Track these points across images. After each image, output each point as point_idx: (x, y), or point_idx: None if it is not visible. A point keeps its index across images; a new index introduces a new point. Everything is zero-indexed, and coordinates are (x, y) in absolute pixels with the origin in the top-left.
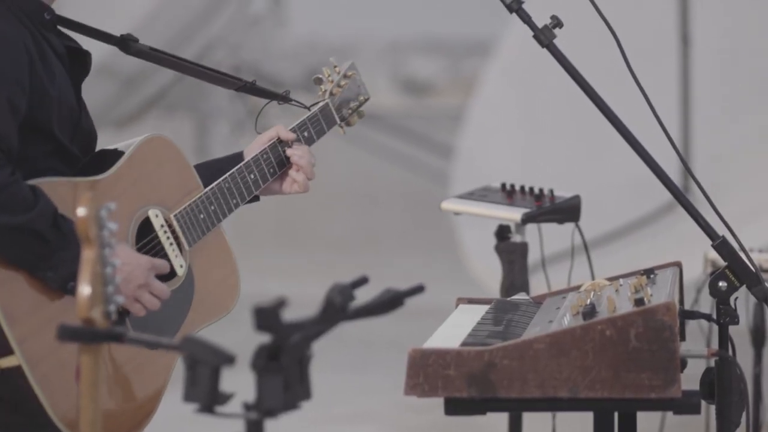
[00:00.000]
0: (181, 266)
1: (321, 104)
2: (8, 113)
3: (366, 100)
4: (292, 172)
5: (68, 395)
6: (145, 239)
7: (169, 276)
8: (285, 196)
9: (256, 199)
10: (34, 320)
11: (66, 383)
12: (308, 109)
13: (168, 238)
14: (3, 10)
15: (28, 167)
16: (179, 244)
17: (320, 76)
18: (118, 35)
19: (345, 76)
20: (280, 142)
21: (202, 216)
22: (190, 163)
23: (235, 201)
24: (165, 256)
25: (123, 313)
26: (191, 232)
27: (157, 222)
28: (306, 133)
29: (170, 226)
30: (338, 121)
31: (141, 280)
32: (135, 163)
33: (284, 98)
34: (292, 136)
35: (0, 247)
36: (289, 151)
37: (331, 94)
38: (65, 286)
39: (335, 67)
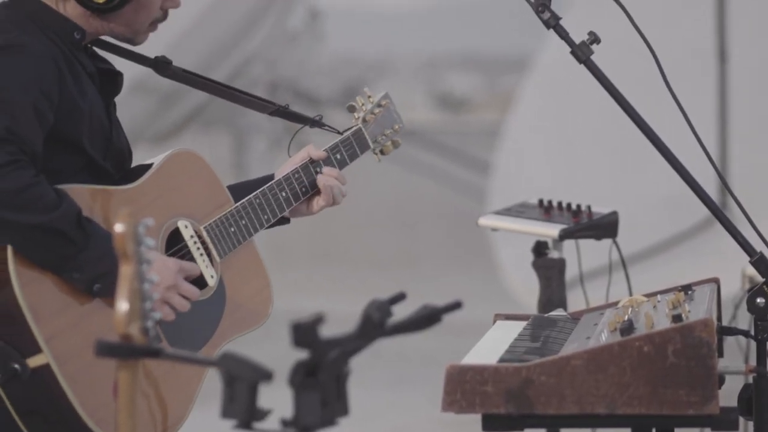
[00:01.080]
0: (212, 277)
1: (354, 128)
2: (33, 118)
3: (400, 128)
4: (322, 186)
5: (97, 394)
6: (174, 249)
7: (200, 286)
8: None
9: (286, 221)
10: (61, 321)
11: (95, 383)
12: (340, 133)
13: (198, 248)
14: (33, 28)
15: (57, 181)
16: (210, 256)
17: (354, 104)
18: (152, 57)
19: (379, 105)
20: (312, 163)
21: (232, 229)
22: (219, 178)
23: (266, 216)
24: None
25: None
26: (222, 244)
27: (187, 232)
28: (338, 156)
29: (200, 237)
30: (371, 146)
31: (169, 281)
32: (162, 176)
33: (316, 123)
34: (322, 154)
35: (26, 248)
36: (318, 178)
37: (365, 120)
38: (91, 288)
39: (369, 96)
